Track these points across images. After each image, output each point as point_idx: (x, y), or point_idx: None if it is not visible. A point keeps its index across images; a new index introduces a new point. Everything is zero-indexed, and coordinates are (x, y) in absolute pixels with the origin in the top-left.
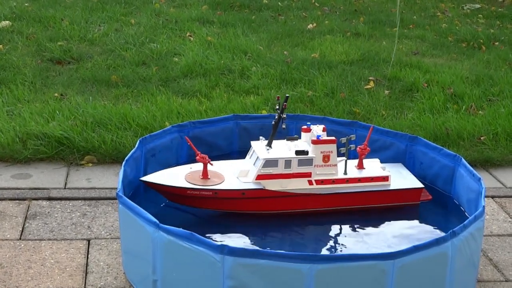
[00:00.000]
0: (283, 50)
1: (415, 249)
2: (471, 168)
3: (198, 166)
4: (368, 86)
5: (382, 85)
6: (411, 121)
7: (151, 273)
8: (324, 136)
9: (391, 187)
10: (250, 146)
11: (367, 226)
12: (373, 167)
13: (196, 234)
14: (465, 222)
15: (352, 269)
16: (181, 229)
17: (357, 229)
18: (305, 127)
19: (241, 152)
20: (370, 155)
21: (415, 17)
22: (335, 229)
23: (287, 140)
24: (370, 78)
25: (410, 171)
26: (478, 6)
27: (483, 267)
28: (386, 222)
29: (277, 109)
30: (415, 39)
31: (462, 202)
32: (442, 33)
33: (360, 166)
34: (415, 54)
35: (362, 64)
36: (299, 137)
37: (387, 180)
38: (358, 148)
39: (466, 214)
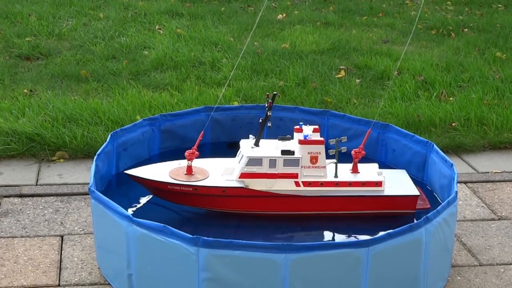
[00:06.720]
0: (253, 41)
1: (389, 236)
2: (443, 154)
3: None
4: (339, 75)
5: (353, 74)
6: (382, 109)
7: (125, 267)
8: (316, 137)
9: (384, 193)
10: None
11: (358, 230)
12: (368, 171)
13: (170, 227)
14: (438, 208)
15: (327, 258)
16: (154, 222)
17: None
18: (297, 127)
19: (213, 144)
20: (346, 144)
21: (384, 5)
22: (323, 233)
23: (279, 140)
24: (341, 67)
25: (384, 159)
26: None
27: (457, 252)
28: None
29: (266, 107)
30: (385, 27)
31: (435, 188)
32: (411, 21)
33: (355, 170)
34: (385, 42)
35: (332, 53)
36: (292, 138)
37: (380, 185)
38: (352, 151)
39: (439, 199)
